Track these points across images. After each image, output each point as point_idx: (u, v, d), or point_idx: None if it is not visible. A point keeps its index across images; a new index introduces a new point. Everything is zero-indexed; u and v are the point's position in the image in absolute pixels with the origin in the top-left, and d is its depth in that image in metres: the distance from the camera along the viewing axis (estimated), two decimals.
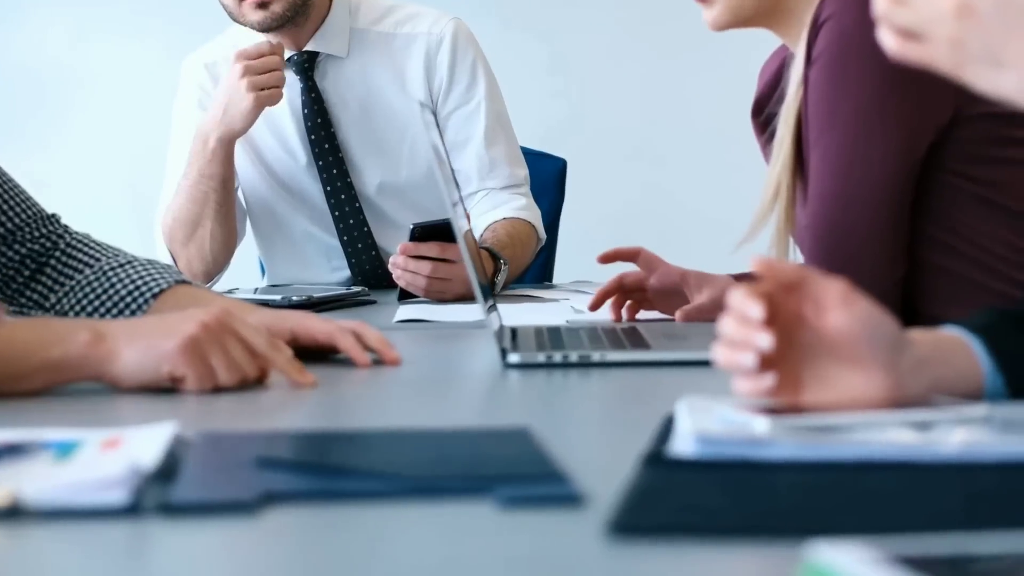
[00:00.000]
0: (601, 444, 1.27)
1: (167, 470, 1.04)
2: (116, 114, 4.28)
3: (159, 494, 0.99)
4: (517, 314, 2.20)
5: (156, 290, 1.77)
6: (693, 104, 4.33)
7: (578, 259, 3.41)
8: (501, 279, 2.61)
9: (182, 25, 4.01)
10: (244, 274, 3.03)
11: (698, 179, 4.32)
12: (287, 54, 2.81)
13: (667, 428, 1.17)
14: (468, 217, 2.56)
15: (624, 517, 0.90)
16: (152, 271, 1.80)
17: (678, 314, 2.05)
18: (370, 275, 2.85)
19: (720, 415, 1.13)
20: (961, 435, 1.04)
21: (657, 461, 1.05)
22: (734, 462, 1.04)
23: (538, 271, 3.10)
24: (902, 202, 1.87)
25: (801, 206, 1.96)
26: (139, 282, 1.78)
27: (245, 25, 2.74)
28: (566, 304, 2.40)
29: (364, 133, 2.83)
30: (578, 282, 2.89)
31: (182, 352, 1.46)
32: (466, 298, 2.51)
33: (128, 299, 1.77)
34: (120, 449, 1.09)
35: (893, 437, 1.06)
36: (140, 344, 1.47)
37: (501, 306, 2.17)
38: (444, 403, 1.56)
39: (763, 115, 2.11)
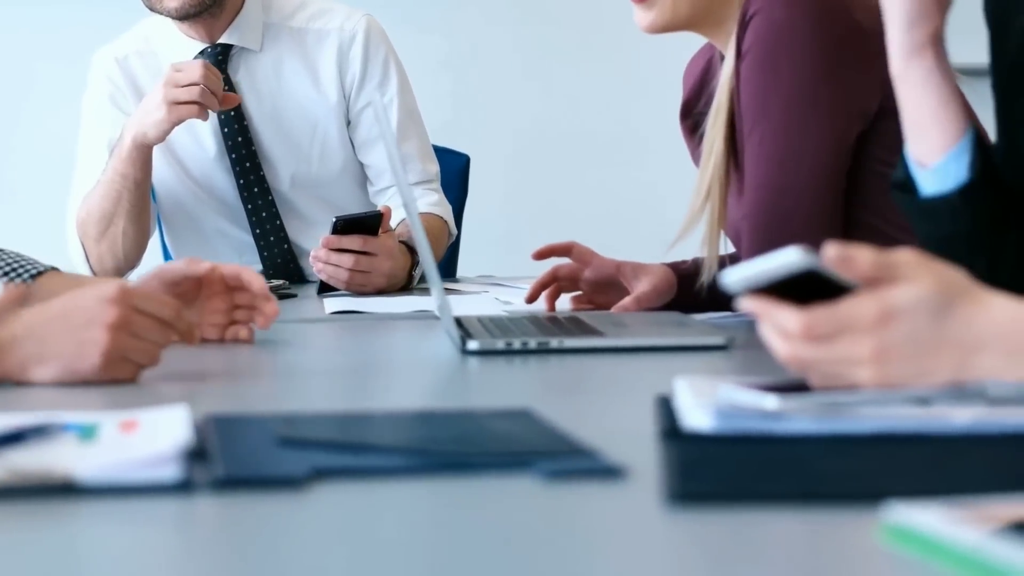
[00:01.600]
0: (587, 424, 1.29)
1: (196, 450, 1.05)
2: (20, 111, 4.21)
3: (202, 471, 1.00)
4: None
5: (33, 271, 1.75)
6: (596, 99, 4.38)
7: (479, 254, 3.45)
8: (418, 273, 2.63)
9: (86, 24, 3.95)
10: (145, 267, 3.00)
11: (600, 174, 4.37)
12: (200, 46, 2.80)
13: (666, 406, 1.20)
14: (389, 211, 2.58)
15: (681, 486, 0.93)
16: (26, 258, 1.79)
17: (615, 308, 2.07)
18: (281, 270, 2.85)
19: (724, 394, 1.16)
20: (969, 410, 1.09)
21: (679, 436, 1.08)
22: (757, 436, 1.07)
23: (443, 266, 3.12)
24: (835, 190, 1.93)
25: (736, 198, 2.00)
26: (15, 264, 1.77)
27: (161, 13, 2.71)
28: (488, 297, 2.42)
29: (276, 127, 2.83)
30: (483, 276, 2.91)
31: (105, 369, 1.43)
32: (386, 291, 2.53)
33: (4, 280, 1.75)
34: (140, 430, 1.10)
35: (900, 412, 1.10)
36: (53, 365, 1.42)
37: (429, 298, 2.19)
38: (413, 389, 1.58)
39: (691, 117, 2.14)
